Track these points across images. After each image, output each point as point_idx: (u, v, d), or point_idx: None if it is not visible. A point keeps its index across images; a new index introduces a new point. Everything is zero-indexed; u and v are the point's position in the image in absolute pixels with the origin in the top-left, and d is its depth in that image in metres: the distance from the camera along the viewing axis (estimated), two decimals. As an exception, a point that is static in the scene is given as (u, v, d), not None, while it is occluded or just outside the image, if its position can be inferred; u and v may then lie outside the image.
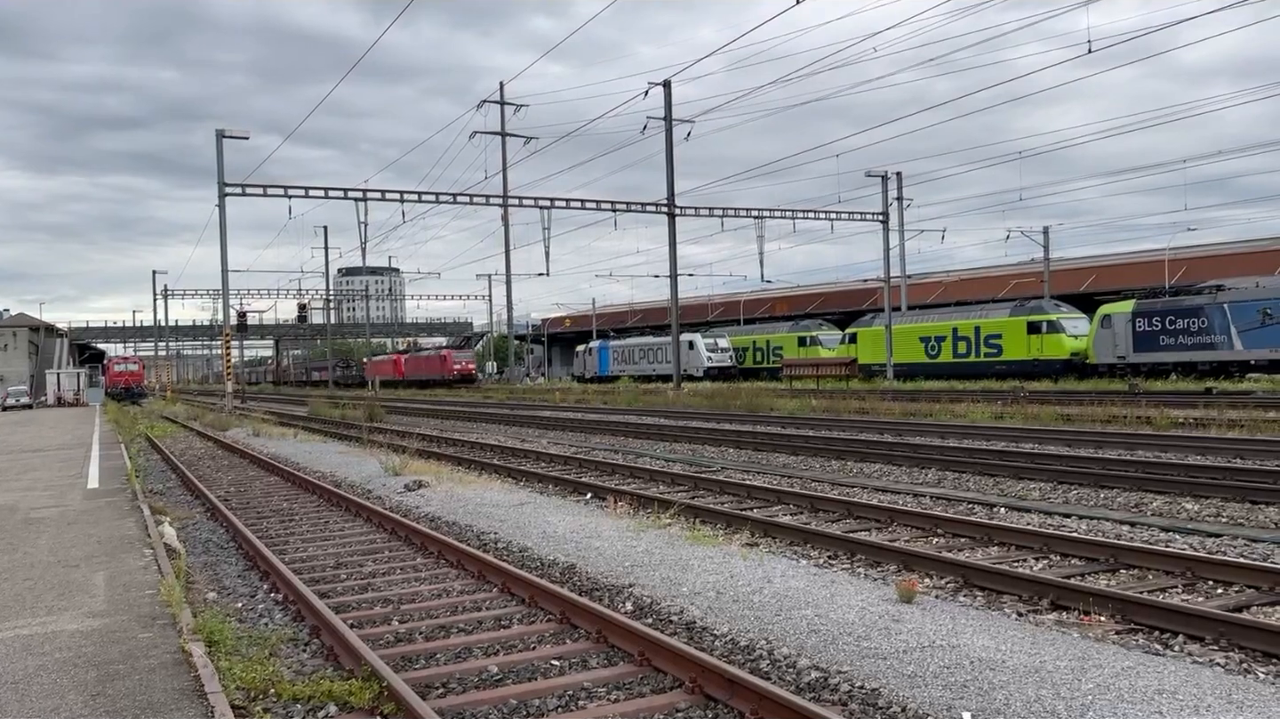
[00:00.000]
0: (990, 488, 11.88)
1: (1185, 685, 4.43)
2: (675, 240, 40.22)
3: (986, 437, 17.41)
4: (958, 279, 61.10)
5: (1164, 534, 8.51)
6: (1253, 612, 6.04)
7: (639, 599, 6.61)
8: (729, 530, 9.35)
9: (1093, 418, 19.55)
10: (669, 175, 39.69)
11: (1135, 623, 5.82)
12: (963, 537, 8.76)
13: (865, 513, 9.99)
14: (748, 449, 17.51)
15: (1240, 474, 11.08)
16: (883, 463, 14.40)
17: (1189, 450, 13.75)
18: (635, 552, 7.99)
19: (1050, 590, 6.44)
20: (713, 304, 76.57)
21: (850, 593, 6.37)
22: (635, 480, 13.74)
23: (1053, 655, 4.90)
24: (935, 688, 4.54)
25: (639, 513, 10.18)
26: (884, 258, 45.56)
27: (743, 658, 5.28)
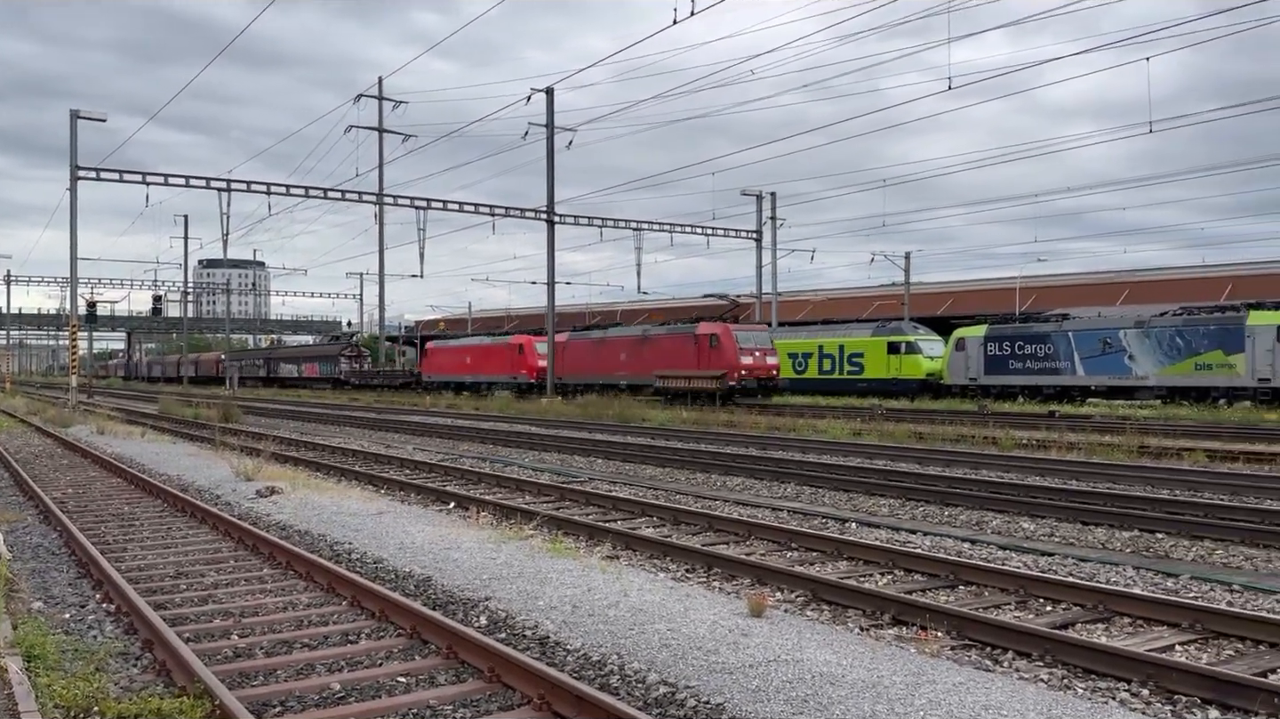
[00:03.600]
0: (844, 503, 12.27)
1: (1010, 701, 4.65)
2: (554, 247, 40.18)
3: (844, 453, 17.98)
4: (825, 299, 62.99)
5: (1001, 552, 8.96)
6: (1077, 629, 6.41)
7: (494, 613, 6.54)
8: (591, 543, 9.36)
9: (943, 437, 20.43)
10: (549, 182, 39.63)
11: (969, 639, 6.09)
12: (815, 551, 9.01)
13: (725, 526, 10.16)
14: (617, 460, 17.59)
15: (1074, 495, 11.77)
16: (746, 476, 14.69)
17: (1029, 471, 14.53)
18: (494, 564, 7.90)
19: (892, 606, 6.68)
20: (590, 312, 76.74)
21: (704, 607, 6.46)
22: (501, 490, 13.61)
23: (890, 671, 5.09)
24: (777, 703, 4.65)
25: (502, 524, 10.07)
26: (756, 274, 46.67)
27: (594, 673, 5.28)
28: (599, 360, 40.98)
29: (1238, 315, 29.42)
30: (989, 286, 57.51)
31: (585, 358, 41.95)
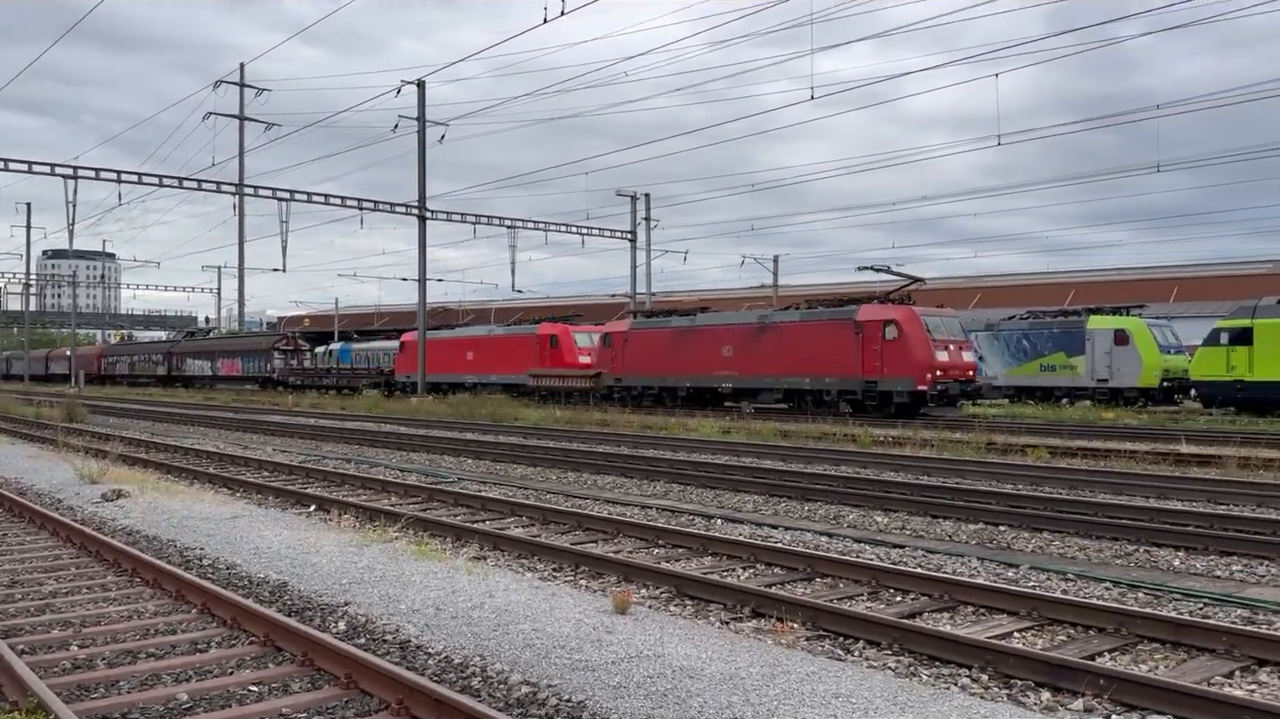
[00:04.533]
0: (711, 500, 12.51)
1: (859, 689, 4.85)
2: (425, 243, 39.44)
3: (713, 451, 18.31)
4: (698, 299, 63.98)
5: (856, 545, 9.31)
6: (924, 618, 6.71)
7: (354, 618, 6.40)
8: (458, 544, 9.27)
9: (807, 434, 21.06)
10: (420, 177, 38.89)
11: (824, 629, 6.31)
12: (681, 547, 9.16)
13: (594, 525, 10.21)
14: (488, 460, 17.44)
15: (925, 490, 12.32)
16: (617, 475, 14.79)
17: (885, 467, 15.13)
18: (356, 568, 7.73)
19: (752, 599, 6.86)
20: (464, 310, 75.75)
21: (570, 605, 6.49)
22: (366, 492, 13.31)
23: (747, 663, 5.23)
24: (638, 698, 4.71)
25: (365, 526, 9.85)
26: (631, 275, 47.00)
27: (455, 676, 5.24)
28: (683, 357, 31.50)
29: (1079, 320, 31.36)
30: (852, 290, 59.51)
31: (657, 353, 32.37)
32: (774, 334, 28.98)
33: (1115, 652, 5.91)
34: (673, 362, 31.89)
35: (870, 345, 26.31)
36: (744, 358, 29.57)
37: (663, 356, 32.26)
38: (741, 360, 29.67)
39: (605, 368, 34.40)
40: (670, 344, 32.14)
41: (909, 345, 25.69)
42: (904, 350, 25.73)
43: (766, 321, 29.60)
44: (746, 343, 29.61)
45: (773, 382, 29.03)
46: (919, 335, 25.69)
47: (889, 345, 25.95)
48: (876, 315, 26.53)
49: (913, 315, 26.13)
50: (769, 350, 28.87)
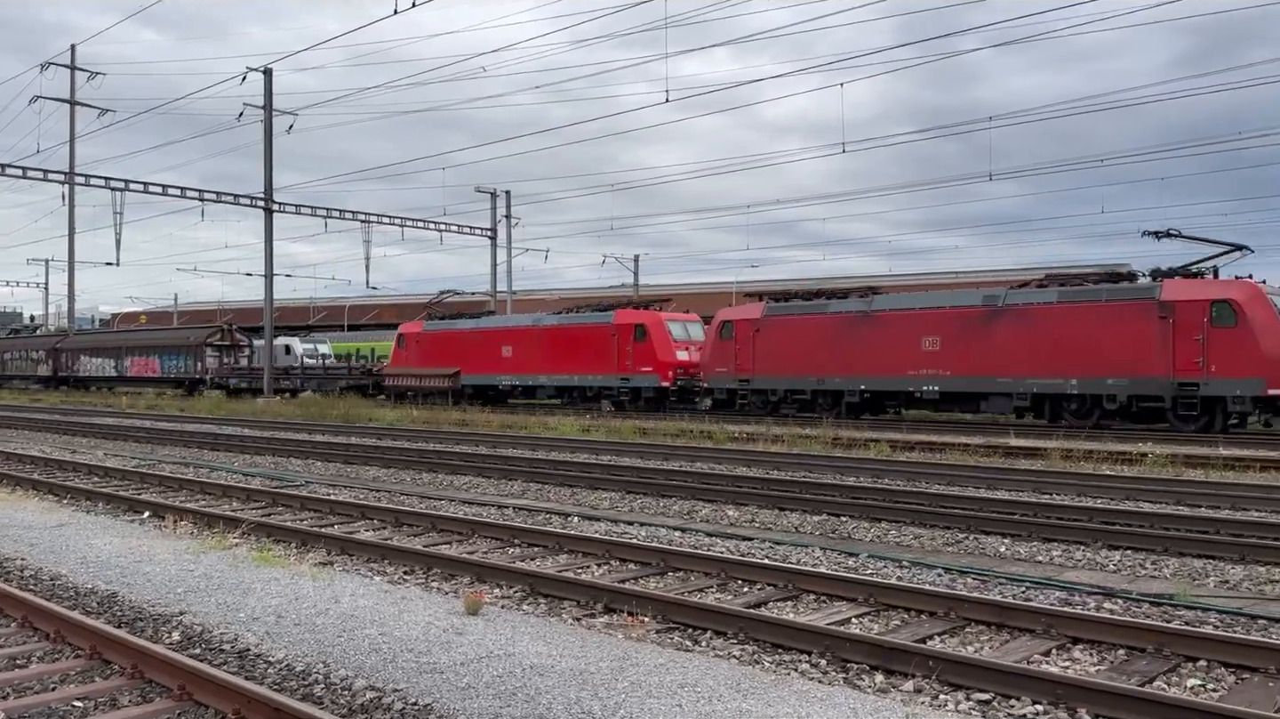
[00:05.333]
0: (568, 498, 12.55)
1: (705, 678, 4.98)
2: (272, 237, 38.01)
3: (573, 449, 18.35)
4: (559, 298, 63.92)
5: (708, 539, 9.52)
6: (769, 607, 6.93)
7: (189, 628, 6.13)
8: (303, 549, 8.98)
9: (665, 432, 21.37)
10: (267, 168, 37.45)
11: (674, 622, 6.43)
12: (537, 546, 9.15)
13: (448, 526, 10.08)
14: (338, 462, 16.95)
15: (773, 484, 12.71)
16: (474, 475, 14.63)
17: (738, 462, 15.52)
18: (192, 576, 7.40)
19: (604, 595, 6.93)
20: (315, 308, 73.20)
21: (419, 608, 6.40)
22: (205, 497, 12.73)
23: (597, 658, 5.29)
24: (486, 698, 4.70)
25: (204, 533, 9.44)
26: (491, 272, 46.54)
27: (297, 684, 5.09)
28: (855, 351, 24.43)
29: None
30: (710, 290, 60.71)
31: (809, 346, 25.24)
32: (1018, 320, 21.88)
33: (945, 634, 6.25)
34: (836, 357, 24.70)
35: (1187, 336, 19.62)
36: (960, 351, 22.34)
37: (819, 351, 24.93)
38: (955, 355, 22.41)
39: (724, 366, 27.07)
40: (833, 334, 24.77)
41: (1257, 337, 18.95)
42: (1249, 345, 18.99)
43: (1003, 304, 22.37)
44: (966, 332, 22.33)
45: (1012, 384, 21.86)
46: (1270, 318, 19.07)
47: (1232, 336, 19.18)
48: (1199, 294, 19.85)
49: (1257, 292, 19.45)
50: (1008, 341, 21.92)
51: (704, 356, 28.19)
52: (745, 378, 26.77)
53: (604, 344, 30.44)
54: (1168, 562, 8.28)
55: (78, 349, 55.00)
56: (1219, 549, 8.49)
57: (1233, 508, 10.73)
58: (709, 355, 27.91)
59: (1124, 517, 9.99)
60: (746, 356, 26.74)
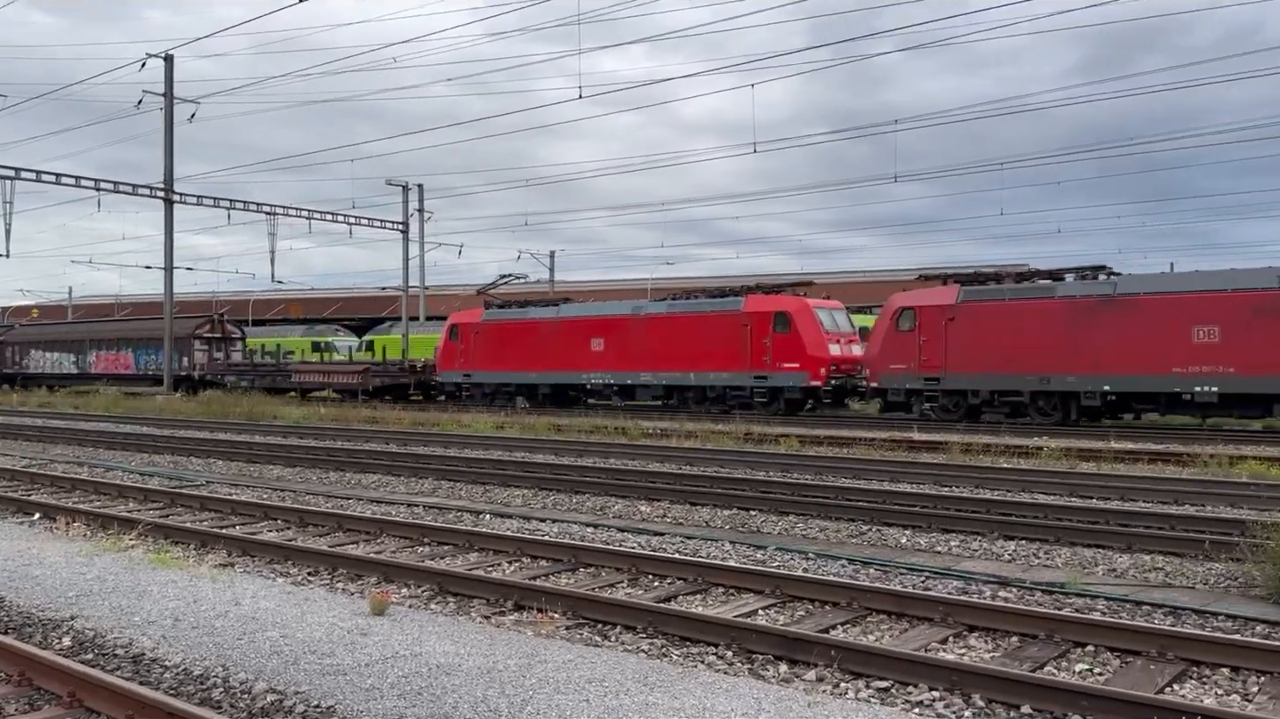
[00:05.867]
0: (480, 495, 12.45)
1: (613, 673, 5.01)
2: (172, 229, 36.78)
3: (486, 446, 18.21)
4: (475, 294, 63.31)
5: (620, 534, 9.57)
6: (678, 601, 7.00)
7: (81, 633, 5.92)
8: (203, 550, 8.73)
9: (580, 428, 21.37)
10: (167, 157, 36.20)
11: (584, 618, 6.45)
12: (447, 544, 9.07)
13: (356, 525, 9.92)
14: (240, 461, 16.49)
15: (686, 479, 12.83)
16: (383, 473, 14.40)
17: (651, 458, 15.61)
18: (85, 579, 7.14)
19: (515, 592, 6.91)
20: (218, 302, 71.00)
21: (323, 609, 6.29)
22: (101, 497, 12.27)
23: (505, 655, 5.27)
24: (391, 698, 4.65)
25: (98, 534, 9.11)
26: (403, 267, 45.82)
27: (195, 688, 4.96)
28: (1088, 343, 20.58)
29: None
30: (626, 287, 60.83)
31: (1010, 338, 21.49)
32: None
33: (847, 624, 6.41)
34: (1067, 351, 20.84)
35: None
36: (1248, 344, 19.03)
37: (1043, 343, 21.16)
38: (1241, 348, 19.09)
39: (902, 362, 22.86)
40: (1063, 323, 20.97)
41: None
42: None
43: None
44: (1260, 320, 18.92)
45: None
46: None
47: None
48: None
49: None
50: None
51: (871, 351, 23.76)
52: (933, 376, 22.35)
53: (732, 335, 25.78)
54: (1060, 551, 8.62)
55: (26, 342, 48.75)
56: (1108, 539, 8.88)
57: (1122, 499, 11.23)
58: (880, 349, 23.29)
59: (1019, 508, 10.37)
60: (935, 350, 22.35)
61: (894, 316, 23.26)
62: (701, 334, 26.60)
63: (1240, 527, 8.58)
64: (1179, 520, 9.46)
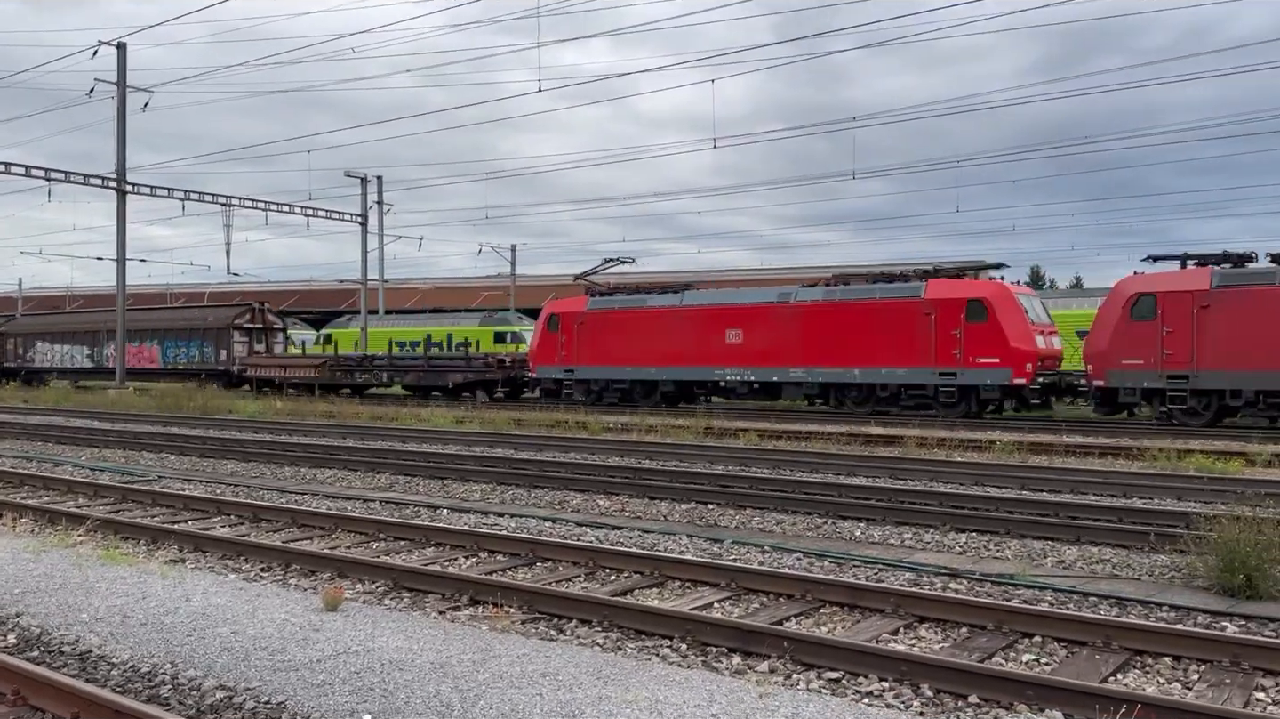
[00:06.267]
0: (438, 490, 12.39)
1: (567, 667, 5.02)
2: (125, 219, 36.10)
3: (444, 441, 18.12)
4: (435, 287, 62.88)
5: (578, 528, 9.57)
6: (634, 595, 7.03)
7: (26, 630, 5.81)
8: (153, 546, 8.61)
9: (540, 423, 21.33)
10: (120, 147, 35.54)
11: (540, 612, 6.45)
12: (404, 539, 9.02)
13: (310, 520, 9.83)
14: (194, 455, 16.26)
15: (645, 474, 12.86)
16: (339, 468, 14.28)
17: (611, 453, 15.62)
18: (31, 576, 7.01)
19: (470, 587, 6.89)
20: (173, 294, 69.89)
21: (275, 605, 6.23)
22: (49, 493, 12.04)
23: (459, 650, 5.26)
24: (342, 694, 4.62)
25: (45, 530, 8.95)
26: (362, 260, 45.38)
27: (143, 685, 4.89)
28: None
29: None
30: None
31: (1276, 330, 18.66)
32: None
33: (801, 616, 6.47)
34: None
35: None
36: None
37: None
38: None
39: (1139, 356, 19.98)
40: None
41: None
42: None
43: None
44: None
45: None
46: None
47: None
48: None
49: None
50: None
51: (1096, 344, 20.69)
52: (1179, 373, 19.64)
53: (911, 326, 22.51)
54: (1010, 543, 8.76)
55: (31, 333, 44.58)
56: (1057, 531, 9.04)
57: (1072, 492, 11.43)
58: (1109, 342, 20.36)
59: (971, 501, 10.53)
60: (1182, 344, 19.59)
61: (1128, 304, 20.18)
62: (869, 324, 23.20)
63: (1185, 519, 8.78)
64: (1127, 513, 9.66)
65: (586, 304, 28.48)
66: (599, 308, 28.15)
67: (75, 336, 43.44)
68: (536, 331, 30.08)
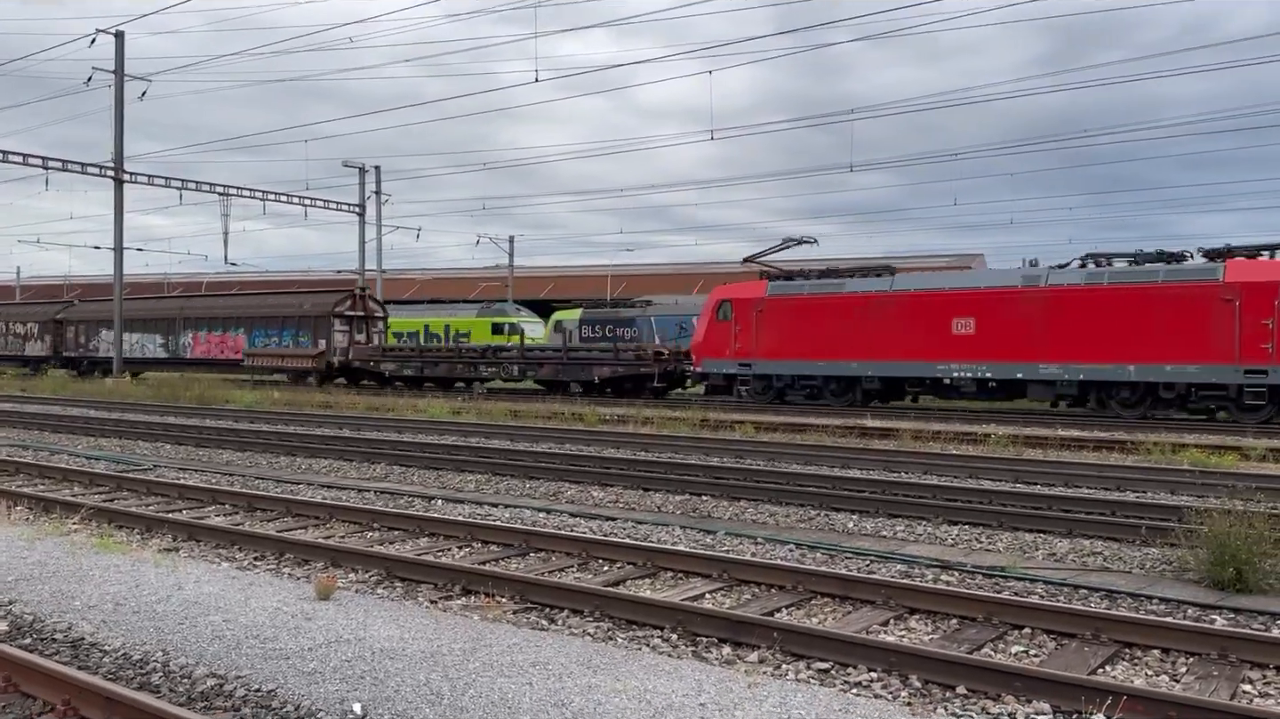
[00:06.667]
0: (433, 481, 12.41)
1: (557, 656, 5.03)
2: (122, 208, 36.04)
3: (440, 431, 18.13)
4: (433, 278, 62.83)
5: (572, 519, 9.59)
6: (627, 585, 7.05)
7: (18, 617, 5.83)
8: (147, 535, 8.63)
9: (537, 414, 21.34)
10: (117, 136, 35.47)
11: (532, 602, 6.47)
12: (398, 529, 9.03)
13: (305, 510, 9.84)
14: (190, 445, 16.27)
15: (640, 465, 12.87)
16: (335, 458, 14.29)
17: (606, 444, 15.64)
18: (25, 563, 7.02)
19: (463, 577, 6.91)
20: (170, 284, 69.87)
21: (268, 594, 6.25)
22: (45, 481, 12.05)
23: (450, 639, 5.28)
24: (333, 682, 4.64)
25: (40, 519, 8.95)
26: (359, 250, 45.33)
27: (134, 673, 4.91)
28: None
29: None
30: (587, 273, 60.72)
31: None
32: None
33: (792, 607, 6.50)
34: None
35: None
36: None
37: None
38: None
39: None
40: None
41: None
42: None
43: None
44: None
45: None
46: None
47: None
48: None
49: None
50: None
51: None
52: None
53: (1205, 315, 19.25)
54: (1002, 536, 8.79)
55: (96, 320, 40.66)
56: (1049, 524, 9.07)
57: (1066, 485, 11.46)
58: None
59: (964, 493, 10.55)
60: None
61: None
62: (1148, 312, 19.80)
63: (1178, 513, 8.80)
64: (1119, 506, 9.69)
65: (767, 289, 25.00)
66: (783, 293, 24.65)
67: (147, 324, 39.60)
68: (702, 321, 26.41)
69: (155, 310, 40.52)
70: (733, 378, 25.38)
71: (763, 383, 24.85)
